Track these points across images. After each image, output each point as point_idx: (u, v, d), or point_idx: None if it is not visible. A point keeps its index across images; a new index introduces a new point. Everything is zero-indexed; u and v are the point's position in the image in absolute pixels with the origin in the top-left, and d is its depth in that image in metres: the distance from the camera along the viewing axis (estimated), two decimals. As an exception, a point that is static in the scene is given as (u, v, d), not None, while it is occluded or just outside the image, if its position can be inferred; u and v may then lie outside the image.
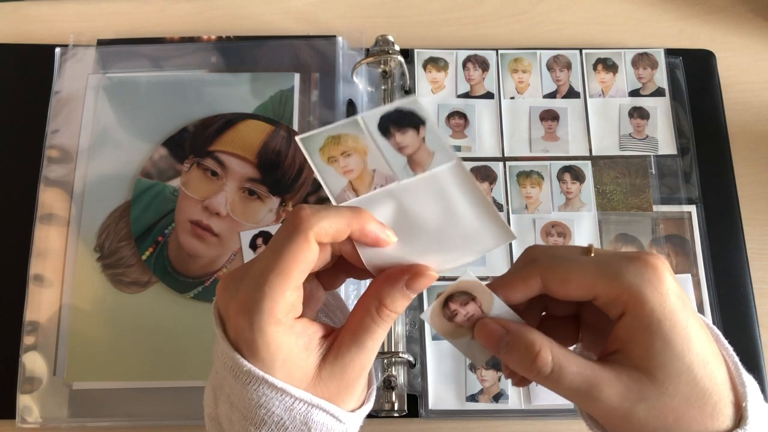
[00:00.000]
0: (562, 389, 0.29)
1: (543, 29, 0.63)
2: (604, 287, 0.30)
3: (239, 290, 0.29)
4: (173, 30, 0.62)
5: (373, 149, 0.33)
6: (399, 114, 0.33)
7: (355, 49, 0.60)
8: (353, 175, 0.33)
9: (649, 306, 0.28)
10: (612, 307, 0.30)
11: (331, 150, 0.33)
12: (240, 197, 0.54)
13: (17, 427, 0.49)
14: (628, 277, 0.29)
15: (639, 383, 0.28)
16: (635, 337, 0.29)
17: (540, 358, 0.29)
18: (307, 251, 0.28)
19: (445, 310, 0.33)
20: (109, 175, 0.55)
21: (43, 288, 0.52)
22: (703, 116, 0.59)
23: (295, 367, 0.29)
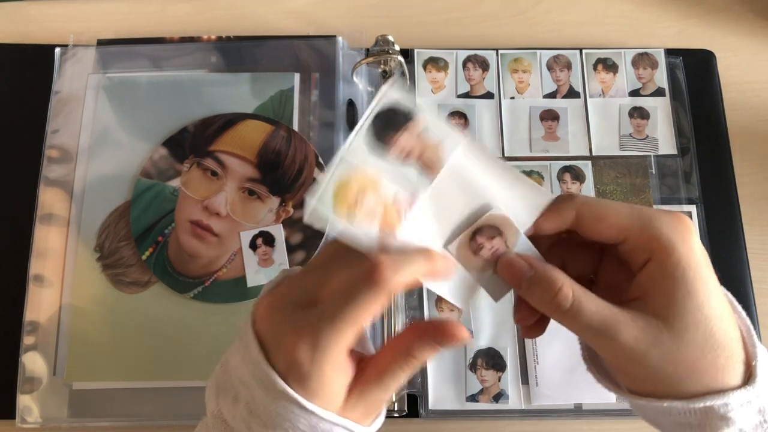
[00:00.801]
0: (580, 326, 0.30)
1: (543, 29, 0.63)
2: (636, 230, 0.30)
3: (304, 323, 0.29)
4: (173, 30, 0.62)
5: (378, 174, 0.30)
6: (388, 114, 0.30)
7: (355, 49, 0.60)
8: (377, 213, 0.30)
9: (677, 255, 0.29)
10: (638, 253, 0.31)
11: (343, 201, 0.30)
12: (240, 197, 0.54)
13: (17, 427, 0.49)
14: (660, 224, 0.30)
15: (656, 329, 0.29)
16: (658, 284, 0.30)
17: (561, 293, 0.30)
18: (383, 305, 0.29)
19: (472, 243, 0.32)
20: (109, 175, 0.55)
21: (43, 288, 0.52)
22: (703, 116, 0.59)
23: (332, 396, 0.30)
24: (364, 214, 0.30)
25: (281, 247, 0.53)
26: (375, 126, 0.30)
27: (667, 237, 0.30)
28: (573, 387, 0.50)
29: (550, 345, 0.51)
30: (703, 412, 0.29)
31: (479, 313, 0.52)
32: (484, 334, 0.52)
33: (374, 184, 0.30)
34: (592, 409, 0.50)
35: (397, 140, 0.30)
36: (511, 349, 0.51)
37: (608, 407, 0.50)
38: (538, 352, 0.51)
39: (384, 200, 0.30)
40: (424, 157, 0.31)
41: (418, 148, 0.31)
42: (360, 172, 0.30)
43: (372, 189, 0.30)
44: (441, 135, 0.31)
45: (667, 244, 0.29)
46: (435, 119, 0.31)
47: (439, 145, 0.31)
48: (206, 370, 0.50)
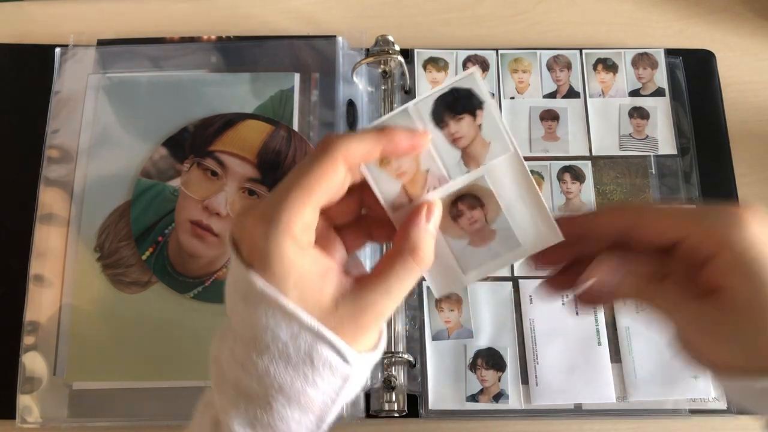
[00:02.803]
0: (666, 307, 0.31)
1: (543, 29, 0.63)
2: (696, 227, 0.30)
3: (258, 206, 0.29)
4: (173, 30, 0.62)
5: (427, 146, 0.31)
6: (455, 96, 0.30)
7: (355, 49, 0.60)
8: (406, 178, 0.31)
9: (740, 247, 0.29)
10: (699, 250, 0.30)
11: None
12: (240, 197, 0.54)
13: (17, 427, 0.49)
14: (718, 219, 0.30)
15: (732, 320, 0.29)
16: (725, 279, 0.30)
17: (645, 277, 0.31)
18: (333, 172, 0.28)
19: (453, 208, 0.32)
20: (109, 175, 0.55)
21: (43, 288, 0.52)
22: (703, 116, 0.59)
23: (308, 291, 0.29)
24: (394, 167, 0.30)
25: (281, 247, 0.53)
26: (446, 98, 0.30)
27: (728, 230, 0.30)
28: (573, 387, 0.50)
29: (550, 345, 0.51)
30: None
31: (479, 313, 0.52)
32: (484, 334, 0.52)
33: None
34: (592, 409, 0.50)
35: (458, 121, 0.31)
36: (511, 349, 0.51)
37: (608, 407, 0.50)
38: (538, 352, 0.51)
39: (418, 166, 0.31)
40: (470, 148, 0.31)
41: (469, 138, 0.31)
42: (411, 128, 0.30)
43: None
44: (495, 136, 0.31)
45: (730, 237, 0.29)
46: (498, 120, 0.31)
47: (489, 144, 0.31)
48: (206, 371, 0.50)
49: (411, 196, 0.31)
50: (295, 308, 0.28)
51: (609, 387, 0.50)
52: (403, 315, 0.52)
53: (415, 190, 0.31)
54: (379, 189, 0.31)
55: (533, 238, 0.32)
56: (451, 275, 0.33)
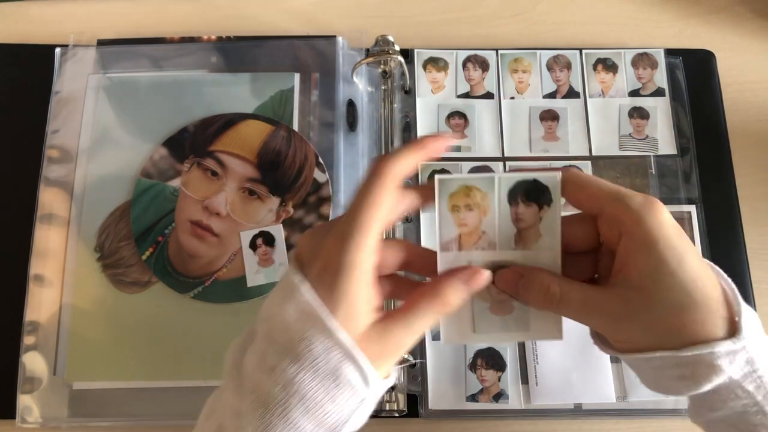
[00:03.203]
0: (571, 311, 0.34)
1: (543, 29, 0.63)
2: (611, 204, 0.33)
3: (333, 228, 0.32)
4: (173, 30, 0.62)
5: (494, 212, 0.35)
6: (534, 187, 0.34)
7: (355, 49, 0.60)
8: (465, 229, 0.35)
9: (646, 228, 0.32)
10: (613, 227, 0.33)
11: (459, 199, 0.35)
12: (240, 197, 0.54)
13: (17, 427, 0.49)
14: (632, 201, 0.32)
15: (634, 298, 0.32)
16: (632, 256, 0.32)
17: (550, 291, 0.34)
18: (387, 193, 0.32)
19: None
20: (109, 175, 0.55)
21: (43, 288, 0.52)
22: (703, 116, 0.59)
23: (353, 313, 0.31)
24: (460, 217, 0.35)
25: (281, 247, 0.53)
26: (527, 184, 0.34)
27: (637, 211, 0.32)
28: (573, 387, 0.50)
29: (549, 345, 0.51)
30: (693, 361, 0.31)
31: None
32: (484, 334, 0.52)
33: (485, 211, 0.35)
34: (591, 409, 0.50)
35: (527, 206, 0.35)
36: (511, 349, 0.51)
37: (608, 407, 0.50)
38: (538, 352, 0.51)
39: (478, 225, 0.35)
40: (525, 232, 0.35)
41: (528, 223, 0.35)
42: (486, 194, 0.35)
43: (481, 212, 0.35)
44: (548, 233, 0.35)
45: (638, 218, 0.32)
46: (557, 222, 0.35)
47: (541, 237, 0.35)
48: (206, 370, 0.50)
49: (461, 244, 0.35)
50: (335, 325, 0.30)
51: (609, 387, 0.50)
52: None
53: (467, 243, 0.35)
54: (440, 226, 0.35)
55: (539, 328, 0.36)
56: (463, 329, 0.36)
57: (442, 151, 0.35)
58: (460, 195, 0.35)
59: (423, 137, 0.34)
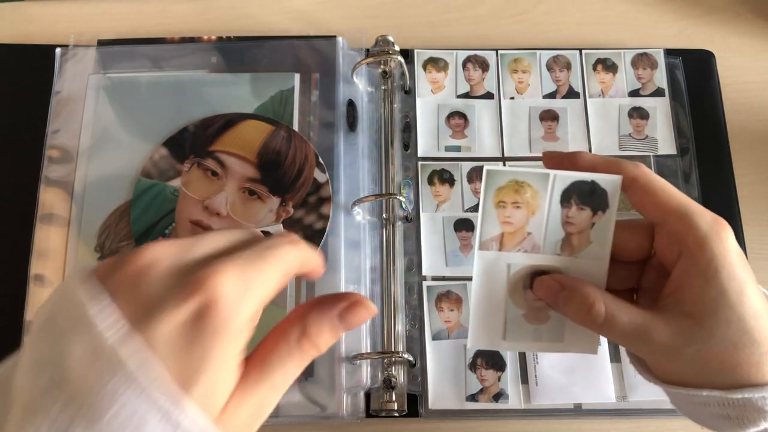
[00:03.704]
0: (615, 335, 0.31)
1: (543, 29, 0.63)
2: (676, 219, 0.31)
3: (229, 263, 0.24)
4: (173, 30, 0.62)
5: (543, 212, 0.32)
6: (590, 189, 0.32)
7: (355, 50, 0.60)
8: (509, 228, 0.32)
9: (710, 253, 0.29)
10: (673, 243, 0.31)
11: (507, 195, 0.32)
12: (240, 197, 0.54)
13: (18, 427, 0.49)
14: (698, 219, 0.30)
15: (688, 328, 0.30)
16: (690, 282, 0.30)
17: (594, 309, 0.31)
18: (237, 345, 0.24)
19: (528, 279, 0.33)
20: (109, 175, 0.55)
21: (43, 288, 0.52)
22: (703, 116, 0.59)
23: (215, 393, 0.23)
24: (506, 214, 0.32)
25: (281, 247, 0.53)
26: (583, 185, 0.32)
27: (704, 232, 0.30)
28: (573, 387, 0.50)
29: (549, 345, 0.51)
30: (741, 404, 0.29)
31: (479, 313, 0.52)
32: (484, 334, 0.52)
33: (534, 210, 0.32)
34: (591, 409, 0.50)
35: (580, 210, 0.32)
36: (511, 349, 0.52)
37: (608, 407, 0.50)
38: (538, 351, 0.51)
39: (524, 224, 0.32)
40: (575, 236, 0.32)
41: (579, 228, 0.32)
42: (538, 192, 0.32)
43: (530, 210, 0.32)
44: (599, 241, 0.32)
45: (702, 240, 0.30)
46: (610, 230, 0.32)
47: (591, 244, 0.32)
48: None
49: (503, 244, 0.32)
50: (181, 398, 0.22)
51: (609, 387, 0.50)
52: (403, 315, 0.52)
53: (509, 242, 0.32)
54: (482, 223, 0.32)
55: (575, 340, 0.33)
56: (492, 335, 0.34)
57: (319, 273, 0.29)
58: (509, 190, 0.32)
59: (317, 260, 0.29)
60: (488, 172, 0.32)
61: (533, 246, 0.32)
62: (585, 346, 0.34)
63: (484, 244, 0.32)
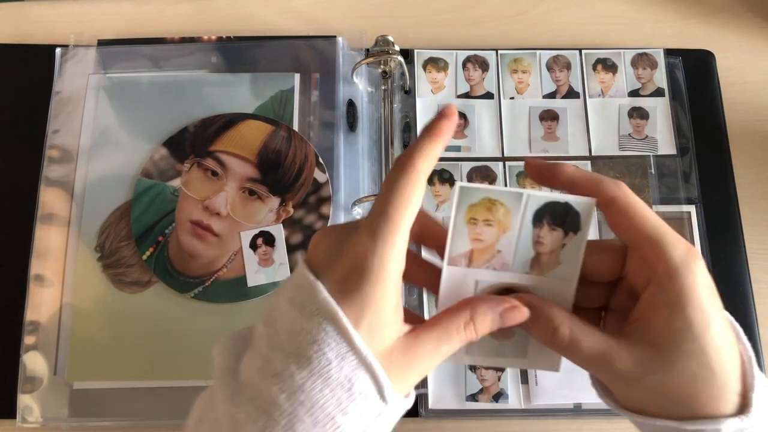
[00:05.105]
0: (578, 359, 0.31)
1: (543, 29, 0.63)
2: (650, 246, 0.30)
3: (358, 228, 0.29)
4: (173, 30, 0.62)
5: (514, 231, 0.32)
6: (563, 210, 0.32)
7: (355, 50, 0.60)
8: (479, 245, 0.32)
9: (680, 286, 0.29)
10: (643, 269, 0.31)
11: (478, 212, 0.32)
12: (240, 197, 0.54)
13: (18, 427, 0.49)
14: (673, 252, 0.30)
15: (650, 358, 0.30)
16: (657, 311, 0.30)
17: (558, 332, 0.31)
18: (416, 188, 0.29)
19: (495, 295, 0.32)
20: (109, 175, 0.55)
21: (43, 288, 0.52)
22: (703, 116, 0.59)
23: (378, 326, 0.28)
24: (476, 231, 0.32)
25: (281, 247, 0.53)
26: (556, 206, 0.32)
27: (675, 263, 0.30)
28: (573, 386, 0.50)
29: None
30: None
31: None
32: (484, 334, 0.52)
33: (505, 229, 0.32)
34: (591, 409, 0.50)
35: (552, 230, 0.32)
36: (511, 349, 0.52)
37: (608, 407, 0.50)
38: (538, 351, 0.51)
39: (494, 242, 0.32)
40: (544, 256, 0.32)
41: (549, 248, 0.32)
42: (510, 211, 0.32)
43: (501, 229, 0.32)
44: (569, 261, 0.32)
45: (673, 270, 0.29)
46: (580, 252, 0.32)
47: (560, 265, 0.32)
48: (206, 370, 0.50)
49: (472, 261, 0.32)
50: (351, 331, 0.28)
51: (609, 387, 0.50)
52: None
53: (478, 259, 0.32)
54: (452, 239, 0.32)
55: (538, 357, 0.33)
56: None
57: (455, 126, 0.32)
58: (481, 208, 0.32)
59: (434, 122, 0.31)
60: (461, 188, 0.32)
61: (502, 264, 0.32)
62: (548, 364, 0.34)
63: (453, 259, 0.32)
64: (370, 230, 0.28)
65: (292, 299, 0.29)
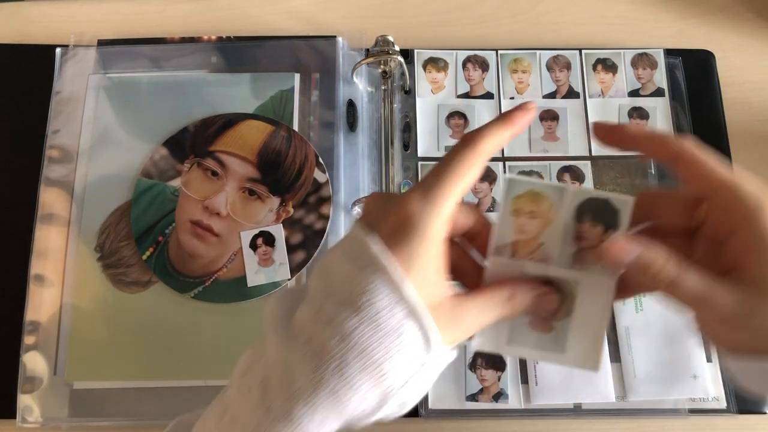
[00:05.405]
0: (681, 295, 0.31)
1: (543, 29, 0.63)
2: (723, 193, 0.31)
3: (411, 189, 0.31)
4: (173, 30, 0.62)
5: (557, 225, 0.33)
6: (604, 206, 0.33)
7: (355, 50, 0.60)
8: (523, 237, 0.33)
9: (762, 224, 0.30)
10: (723, 217, 0.31)
11: (524, 204, 0.33)
12: (240, 197, 0.54)
13: (18, 427, 0.49)
14: (746, 196, 0.30)
15: (752, 298, 0.30)
16: (748, 255, 0.30)
17: (666, 269, 0.31)
18: (476, 163, 0.31)
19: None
20: (109, 175, 0.55)
21: (43, 288, 0.52)
22: (703, 116, 0.59)
23: (426, 280, 0.30)
24: (521, 223, 0.33)
25: (281, 247, 0.53)
26: (598, 203, 0.33)
27: (753, 208, 0.30)
28: (573, 387, 0.50)
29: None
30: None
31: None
32: (484, 334, 0.52)
33: (548, 222, 0.33)
34: (591, 409, 0.50)
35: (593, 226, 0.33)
36: (511, 349, 0.52)
37: (608, 407, 0.50)
38: (538, 351, 0.51)
39: (538, 235, 0.33)
40: (584, 252, 0.33)
41: (589, 244, 0.33)
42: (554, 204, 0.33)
43: (544, 222, 0.33)
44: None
45: (752, 214, 0.30)
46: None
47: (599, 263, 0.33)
48: (206, 370, 0.50)
49: (515, 252, 0.33)
50: (403, 280, 0.29)
51: (608, 387, 0.50)
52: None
53: (522, 251, 0.33)
54: (499, 228, 0.33)
55: (577, 354, 0.34)
56: (498, 339, 0.34)
57: (530, 122, 0.33)
58: (526, 200, 0.33)
59: (511, 111, 0.33)
60: (508, 180, 0.33)
61: (545, 257, 0.33)
62: (587, 361, 0.34)
63: (498, 249, 0.33)
64: (422, 192, 0.30)
65: (345, 252, 0.31)
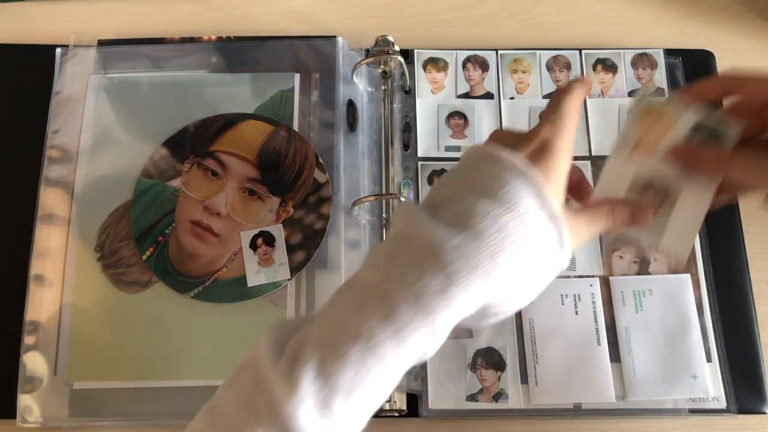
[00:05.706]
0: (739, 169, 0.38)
1: (543, 29, 0.64)
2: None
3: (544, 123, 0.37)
4: (174, 30, 0.62)
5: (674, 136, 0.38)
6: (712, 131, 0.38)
7: (355, 50, 0.60)
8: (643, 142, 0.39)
9: None
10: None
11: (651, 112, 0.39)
12: (240, 197, 0.54)
13: (18, 427, 0.49)
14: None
15: None
16: None
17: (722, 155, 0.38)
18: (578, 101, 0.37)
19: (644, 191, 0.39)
20: (109, 175, 0.55)
21: (43, 288, 0.52)
22: (703, 116, 0.59)
23: (558, 195, 0.35)
24: (644, 124, 0.39)
25: (281, 246, 0.53)
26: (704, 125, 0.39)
27: None
28: (573, 387, 0.50)
29: (549, 345, 0.51)
30: None
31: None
32: (484, 334, 0.52)
33: (665, 132, 0.39)
34: (591, 409, 0.50)
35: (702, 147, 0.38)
36: (511, 349, 0.52)
37: (608, 407, 0.50)
38: (538, 351, 0.51)
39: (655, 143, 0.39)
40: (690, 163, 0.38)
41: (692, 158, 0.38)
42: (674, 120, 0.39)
43: (663, 131, 0.39)
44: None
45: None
46: None
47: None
48: (206, 370, 0.50)
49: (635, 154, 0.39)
50: (547, 189, 0.33)
51: (608, 387, 0.50)
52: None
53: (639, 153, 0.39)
54: (624, 132, 0.40)
55: (671, 244, 0.39)
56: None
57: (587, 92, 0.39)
58: (654, 109, 0.39)
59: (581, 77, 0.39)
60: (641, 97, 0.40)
61: (659, 164, 0.38)
62: (678, 252, 0.39)
63: (619, 148, 0.39)
64: (551, 123, 0.36)
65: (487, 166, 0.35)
